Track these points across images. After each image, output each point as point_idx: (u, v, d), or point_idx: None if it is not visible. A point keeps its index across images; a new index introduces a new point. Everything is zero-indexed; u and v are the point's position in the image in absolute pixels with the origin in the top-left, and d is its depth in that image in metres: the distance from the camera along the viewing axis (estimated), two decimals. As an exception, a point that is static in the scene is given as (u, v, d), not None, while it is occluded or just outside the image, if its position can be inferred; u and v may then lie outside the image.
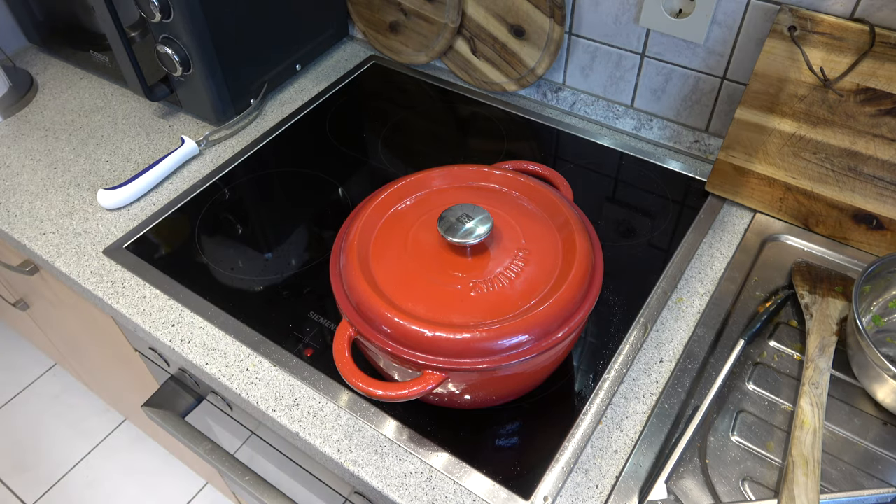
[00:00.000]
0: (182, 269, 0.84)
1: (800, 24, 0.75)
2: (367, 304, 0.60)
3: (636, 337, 0.75)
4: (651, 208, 0.90)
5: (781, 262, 0.83)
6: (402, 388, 0.57)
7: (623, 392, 0.70)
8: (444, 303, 0.60)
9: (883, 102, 0.73)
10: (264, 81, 1.10)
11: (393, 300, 0.61)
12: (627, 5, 0.90)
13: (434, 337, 0.57)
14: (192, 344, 0.76)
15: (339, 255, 0.66)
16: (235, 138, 1.04)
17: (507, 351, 0.57)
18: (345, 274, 0.63)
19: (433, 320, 0.59)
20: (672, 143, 0.99)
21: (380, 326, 0.59)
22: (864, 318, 0.74)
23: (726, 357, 0.73)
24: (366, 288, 0.60)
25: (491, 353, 0.57)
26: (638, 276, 0.81)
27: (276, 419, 0.70)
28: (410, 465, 0.65)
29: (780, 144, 0.82)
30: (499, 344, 0.57)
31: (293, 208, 0.93)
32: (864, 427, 0.67)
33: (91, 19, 1.05)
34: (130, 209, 0.93)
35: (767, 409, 0.69)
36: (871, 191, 0.79)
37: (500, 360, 0.57)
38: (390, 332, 0.59)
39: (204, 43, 0.95)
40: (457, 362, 0.57)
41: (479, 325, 0.58)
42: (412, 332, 0.58)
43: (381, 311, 0.59)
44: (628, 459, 0.65)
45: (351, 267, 0.63)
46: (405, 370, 0.61)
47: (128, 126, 1.07)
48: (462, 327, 0.58)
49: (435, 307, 0.60)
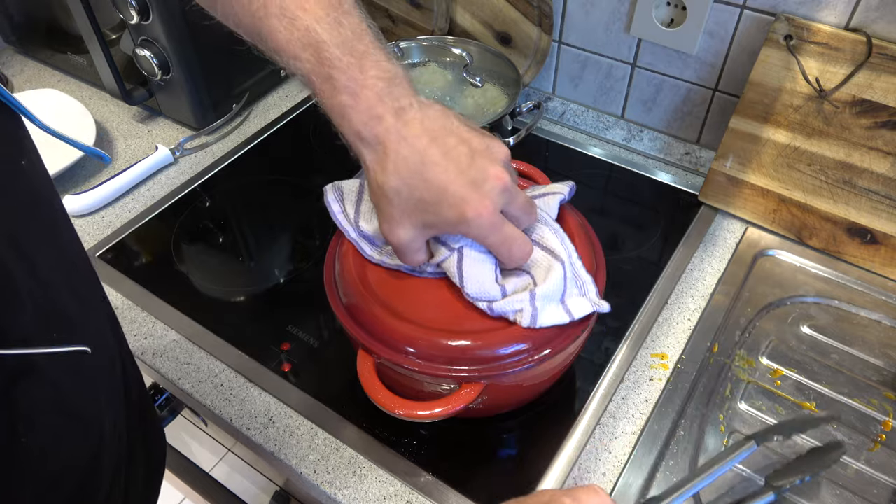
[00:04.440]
0: (157, 279, 0.81)
1: (796, 34, 0.73)
2: (388, 330, 0.56)
3: (625, 354, 0.73)
4: (641, 221, 0.88)
5: (774, 277, 0.81)
6: (443, 405, 0.54)
7: (612, 411, 0.68)
8: (459, 314, 0.57)
9: (879, 115, 0.72)
10: (247, 87, 1.07)
11: (411, 318, 0.56)
12: (618, 14, 0.89)
13: (467, 346, 0.54)
14: (164, 358, 0.73)
15: (337, 281, 0.62)
16: (217, 144, 1.02)
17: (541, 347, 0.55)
18: (352, 303, 0.59)
19: (455, 329, 0.56)
20: (663, 155, 0.97)
21: (404, 348, 0.55)
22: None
23: (718, 376, 0.71)
24: (384, 314, 0.56)
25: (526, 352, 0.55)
26: (628, 290, 0.79)
27: (251, 438, 0.67)
28: (390, 487, 0.63)
29: (775, 155, 0.80)
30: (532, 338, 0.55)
31: (275, 217, 0.90)
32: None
33: (69, 21, 1.03)
34: (104, 216, 0.90)
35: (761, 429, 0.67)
36: (865, 204, 0.77)
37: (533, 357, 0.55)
38: (417, 352, 0.55)
39: (183, 46, 0.92)
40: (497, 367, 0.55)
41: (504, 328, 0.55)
42: (447, 347, 0.54)
43: (405, 333, 0.55)
44: (617, 482, 0.63)
45: (358, 296, 0.58)
46: (427, 383, 0.58)
47: (105, 130, 1.04)
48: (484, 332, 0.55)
49: (450, 318, 0.57)
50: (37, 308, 0.39)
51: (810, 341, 0.74)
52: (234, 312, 0.78)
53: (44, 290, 0.40)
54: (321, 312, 0.77)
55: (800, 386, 0.71)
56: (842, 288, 0.79)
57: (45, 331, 0.40)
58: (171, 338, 0.75)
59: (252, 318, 0.77)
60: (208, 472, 1.01)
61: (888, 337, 0.75)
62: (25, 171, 0.42)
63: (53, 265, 0.43)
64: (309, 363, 0.72)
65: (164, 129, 1.04)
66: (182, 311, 0.77)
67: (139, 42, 0.93)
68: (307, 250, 0.85)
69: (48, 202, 0.45)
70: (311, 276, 0.81)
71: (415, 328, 0.55)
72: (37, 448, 0.39)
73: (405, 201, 0.50)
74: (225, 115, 1.04)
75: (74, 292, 0.45)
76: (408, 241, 0.52)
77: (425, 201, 0.50)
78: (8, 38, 1.18)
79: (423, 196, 0.49)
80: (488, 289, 0.55)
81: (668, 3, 0.84)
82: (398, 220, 0.51)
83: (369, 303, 0.57)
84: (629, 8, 0.87)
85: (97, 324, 0.49)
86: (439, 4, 1.00)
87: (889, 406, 0.69)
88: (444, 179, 0.49)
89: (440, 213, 0.50)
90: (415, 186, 0.49)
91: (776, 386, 0.71)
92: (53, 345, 0.41)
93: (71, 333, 0.43)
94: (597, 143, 1.01)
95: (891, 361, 0.72)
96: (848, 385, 0.70)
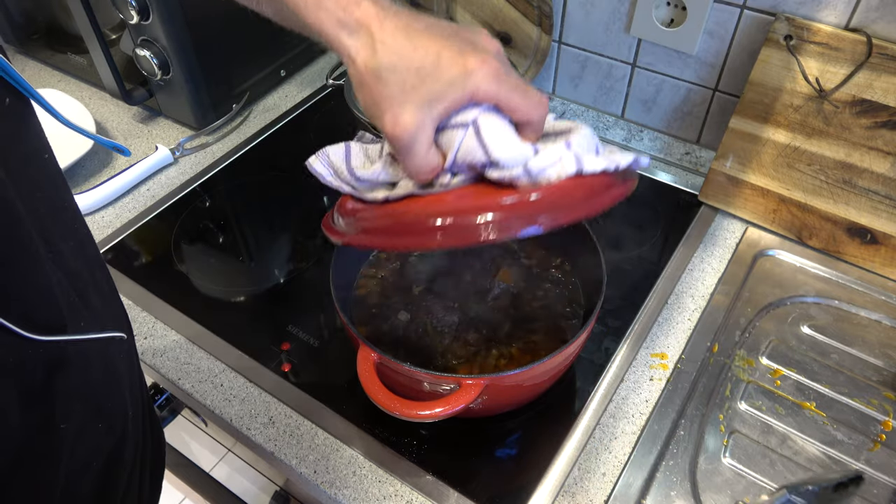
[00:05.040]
0: (157, 279, 0.81)
1: (796, 34, 0.73)
2: (413, 213, 0.51)
3: (625, 354, 0.73)
4: (641, 221, 0.88)
5: (774, 277, 0.81)
6: (443, 405, 0.54)
7: (612, 411, 0.68)
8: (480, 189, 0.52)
9: (879, 115, 0.72)
10: (247, 87, 1.07)
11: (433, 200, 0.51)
12: (618, 14, 0.89)
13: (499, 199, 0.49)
14: (164, 358, 0.73)
15: (343, 222, 0.58)
16: (217, 144, 1.02)
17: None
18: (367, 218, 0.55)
19: (482, 194, 0.50)
20: (663, 155, 0.97)
21: (434, 224, 0.49)
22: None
23: (718, 376, 0.71)
24: (406, 204, 0.51)
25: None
26: (628, 290, 0.79)
27: (251, 438, 0.66)
28: (390, 487, 0.63)
29: (775, 155, 0.80)
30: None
31: (275, 217, 0.90)
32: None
33: (69, 21, 1.03)
34: (104, 216, 0.90)
35: (761, 430, 0.67)
36: (865, 204, 0.77)
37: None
38: (447, 224, 0.49)
39: (183, 46, 0.92)
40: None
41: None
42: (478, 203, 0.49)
43: (433, 207, 0.50)
44: (617, 482, 0.63)
45: (371, 207, 0.54)
46: (427, 383, 0.58)
47: (105, 130, 1.04)
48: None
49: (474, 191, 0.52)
50: (65, 297, 0.40)
51: (810, 341, 0.74)
52: (234, 312, 0.78)
53: (70, 280, 0.42)
54: (321, 312, 0.77)
55: (800, 386, 0.71)
56: (842, 288, 0.79)
57: (75, 320, 0.41)
58: (171, 338, 0.75)
59: (252, 318, 0.77)
60: (208, 472, 1.01)
61: (888, 337, 0.75)
62: (49, 164, 0.43)
63: (76, 256, 0.44)
64: (309, 363, 0.72)
65: (164, 129, 1.04)
66: (182, 311, 0.77)
67: (139, 42, 0.93)
68: (307, 250, 0.85)
69: (69, 195, 0.46)
70: (311, 276, 0.81)
71: (439, 200, 0.50)
72: (71, 435, 0.40)
73: (403, 76, 0.46)
74: (225, 115, 1.04)
75: (97, 283, 0.46)
76: (415, 126, 0.47)
77: (424, 69, 0.46)
78: (8, 38, 1.18)
79: (421, 63, 0.46)
80: (519, 148, 0.49)
81: (668, 3, 0.84)
82: (399, 102, 0.47)
83: (383, 206, 0.53)
84: (629, 8, 0.87)
85: (118, 314, 0.51)
86: (439, 4, 1.00)
87: (889, 406, 0.69)
88: (437, 45, 0.46)
89: (441, 75, 0.46)
90: (409, 57, 0.46)
91: (776, 386, 0.71)
92: (86, 332, 0.42)
93: (98, 323, 0.45)
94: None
95: (891, 361, 0.72)
96: (848, 385, 0.70)
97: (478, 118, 0.49)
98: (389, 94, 0.47)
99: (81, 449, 0.42)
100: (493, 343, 0.67)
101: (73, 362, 0.40)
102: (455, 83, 0.46)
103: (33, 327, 0.36)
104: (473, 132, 0.49)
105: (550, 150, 0.48)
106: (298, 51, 1.14)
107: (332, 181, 0.57)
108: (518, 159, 0.49)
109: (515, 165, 0.48)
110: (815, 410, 0.68)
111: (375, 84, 0.47)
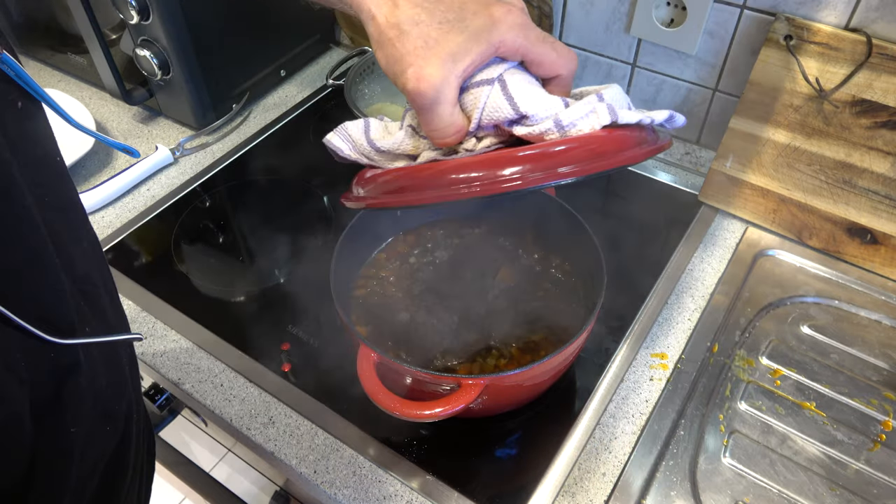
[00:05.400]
0: (157, 280, 0.81)
1: (796, 34, 0.73)
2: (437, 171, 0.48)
3: (625, 354, 0.73)
4: (641, 221, 0.88)
5: (774, 277, 0.81)
6: (443, 405, 0.54)
7: (612, 411, 0.68)
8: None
9: (878, 115, 0.72)
10: (247, 87, 1.07)
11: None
12: (618, 14, 0.89)
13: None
14: (164, 358, 0.73)
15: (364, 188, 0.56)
16: (217, 144, 1.02)
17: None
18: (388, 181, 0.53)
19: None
20: (662, 155, 0.97)
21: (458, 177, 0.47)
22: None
23: (718, 376, 0.71)
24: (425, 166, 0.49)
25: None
26: (627, 290, 0.79)
27: (251, 438, 0.67)
28: (390, 487, 0.63)
29: (775, 155, 0.80)
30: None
31: (275, 217, 0.90)
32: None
33: (69, 21, 1.02)
34: (104, 216, 0.90)
35: (761, 430, 0.67)
36: (865, 204, 0.77)
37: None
38: (473, 177, 0.47)
39: (183, 46, 0.92)
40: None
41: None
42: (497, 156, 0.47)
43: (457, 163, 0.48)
44: (617, 482, 0.63)
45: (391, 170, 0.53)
46: (427, 383, 0.58)
47: (105, 130, 1.04)
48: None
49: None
50: (74, 299, 0.40)
51: (810, 341, 0.74)
52: (234, 312, 0.78)
53: (78, 282, 0.41)
54: (321, 312, 0.77)
55: (800, 386, 0.71)
56: (842, 288, 0.79)
57: (83, 323, 0.41)
58: (171, 338, 0.75)
59: (252, 318, 0.77)
60: (208, 472, 1.01)
61: (888, 337, 0.75)
62: (59, 167, 0.43)
63: (85, 257, 0.44)
64: (309, 363, 0.72)
65: (164, 129, 1.04)
66: (182, 310, 0.77)
67: (139, 42, 0.93)
68: (307, 250, 0.85)
69: (76, 197, 0.46)
70: (311, 276, 0.81)
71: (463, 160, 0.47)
72: (81, 437, 0.40)
73: (425, 29, 0.44)
74: (225, 115, 1.04)
75: (105, 285, 0.46)
76: (440, 80, 0.44)
77: (447, 21, 0.44)
78: (8, 37, 1.18)
79: (444, 15, 0.44)
80: (548, 100, 0.46)
81: (668, 3, 0.84)
82: (423, 56, 0.44)
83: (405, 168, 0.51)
84: (629, 8, 0.87)
85: (121, 315, 0.51)
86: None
87: (889, 406, 0.69)
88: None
89: (466, 27, 0.44)
90: (431, 9, 0.44)
91: (776, 386, 0.71)
92: (94, 335, 0.42)
93: (105, 325, 0.45)
94: (597, 143, 1.01)
95: (891, 361, 0.72)
96: (848, 385, 0.70)
97: (503, 74, 0.46)
98: (412, 49, 0.44)
99: (90, 451, 0.42)
100: (493, 343, 0.67)
101: (84, 365, 0.40)
102: (480, 35, 0.44)
103: (51, 330, 0.36)
104: (499, 87, 0.46)
105: (582, 103, 0.46)
106: (298, 51, 1.14)
107: (351, 154, 0.55)
108: (548, 112, 0.46)
109: (545, 119, 0.46)
110: (815, 410, 0.68)
111: (398, 38, 0.45)
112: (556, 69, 0.48)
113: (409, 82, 0.44)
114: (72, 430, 0.39)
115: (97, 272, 0.46)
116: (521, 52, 0.46)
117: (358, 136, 0.55)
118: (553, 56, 0.47)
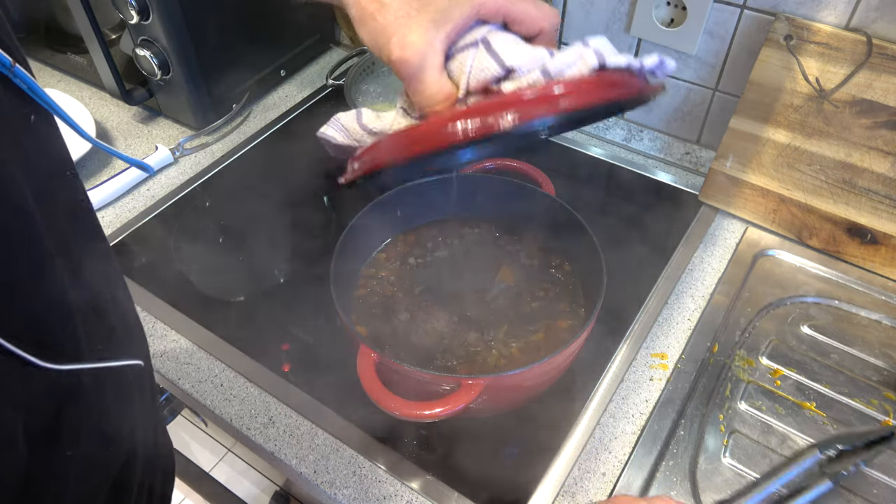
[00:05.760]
0: (156, 279, 0.81)
1: (796, 34, 0.73)
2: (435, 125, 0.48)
3: (625, 354, 0.73)
4: (641, 221, 0.88)
5: (774, 277, 0.81)
6: (443, 405, 0.54)
7: (612, 411, 0.68)
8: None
9: (879, 115, 0.72)
10: (247, 87, 1.07)
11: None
12: (618, 14, 0.89)
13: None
14: (164, 358, 0.73)
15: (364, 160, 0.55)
16: (217, 144, 1.02)
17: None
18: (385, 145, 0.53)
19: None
20: (663, 155, 0.97)
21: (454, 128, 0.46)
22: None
23: (718, 376, 0.71)
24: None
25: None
26: (628, 290, 0.79)
27: (251, 438, 0.66)
28: (390, 487, 0.63)
29: (775, 155, 0.80)
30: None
31: (275, 217, 0.90)
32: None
33: (69, 21, 1.02)
34: (104, 216, 0.90)
35: (761, 430, 0.67)
36: (865, 204, 0.77)
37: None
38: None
39: (183, 46, 0.92)
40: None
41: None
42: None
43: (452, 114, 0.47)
44: (617, 482, 0.63)
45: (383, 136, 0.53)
46: (427, 383, 0.58)
47: (105, 130, 1.04)
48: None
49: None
50: (84, 320, 0.39)
51: (810, 341, 0.74)
52: (234, 312, 0.78)
53: (89, 301, 0.40)
54: (321, 312, 0.77)
55: (800, 386, 0.71)
56: (842, 288, 0.79)
57: (91, 346, 0.39)
58: (170, 338, 0.75)
59: (252, 318, 0.77)
60: (208, 472, 1.01)
61: (888, 337, 0.75)
62: (72, 181, 0.42)
63: (96, 274, 0.42)
64: (309, 363, 0.72)
65: (164, 129, 1.04)
66: (182, 310, 0.77)
67: (139, 42, 0.93)
68: (307, 250, 0.85)
69: (91, 211, 0.44)
70: (311, 276, 0.81)
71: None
72: (77, 461, 0.39)
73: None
74: (225, 115, 1.04)
75: (117, 305, 0.45)
76: (424, 46, 0.44)
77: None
78: (8, 38, 1.18)
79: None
80: (533, 51, 0.46)
81: (668, 3, 0.84)
82: (405, 25, 0.44)
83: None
84: (629, 8, 0.87)
85: (139, 340, 0.49)
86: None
87: (889, 406, 0.69)
88: None
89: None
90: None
91: (776, 386, 0.71)
92: (102, 360, 0.40)
93: (116, 349, 0.43)
94: (597, 143, 1.01)
95: (891, 361, 0.72)
96: (848, 385, 0.70)
97: (486, 35, 0.47)
98: (393, 19, 0.45)
99: (88, 473, 0.41)
100: (493, 343, 0.67)
101: (86, 390, 0.39)
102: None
103: (49, 355, 0.35)
104: (484, 48, 0.47)
105: (568, 50, 0.46)
106: (298, 51, 1.14)
107: (344, 140, 0.55)
108: (534, 62, 0.46)
109: (532, 69, 0.46)
110: (815, 410, 0.68)
111: (378, 11, 0.45)
112: (539, 24, 0.48)
113: (393, 51, 0.45)
114: (68, 454, 0.38)
115: (111, 289, 0.44)
116: (502, 13, 0.47)
117: (350, 124, 0.55)
118: (534, 12, 0.47)
